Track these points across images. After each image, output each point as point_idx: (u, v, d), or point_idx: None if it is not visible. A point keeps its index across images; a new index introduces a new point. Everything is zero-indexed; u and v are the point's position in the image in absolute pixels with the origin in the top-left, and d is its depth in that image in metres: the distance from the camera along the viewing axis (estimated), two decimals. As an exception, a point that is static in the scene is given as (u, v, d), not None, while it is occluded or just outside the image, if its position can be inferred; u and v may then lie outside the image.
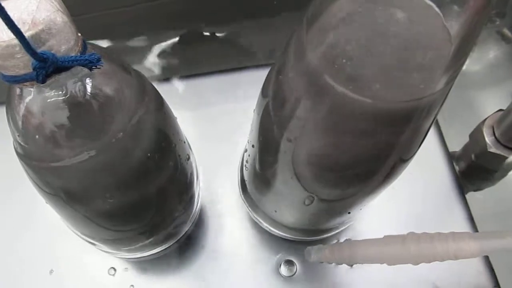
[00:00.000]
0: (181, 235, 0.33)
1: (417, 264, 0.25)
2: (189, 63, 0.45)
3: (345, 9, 0.16)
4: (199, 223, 0.37)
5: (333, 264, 0.33)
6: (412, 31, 0.16)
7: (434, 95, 0.17)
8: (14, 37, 0.15)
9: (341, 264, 0.29)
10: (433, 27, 0.16)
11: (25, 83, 0.18)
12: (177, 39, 0.45)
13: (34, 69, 0.17)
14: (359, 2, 0.16)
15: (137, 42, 0.44)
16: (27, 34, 0.16)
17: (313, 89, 0.18)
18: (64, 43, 0.18)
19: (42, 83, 0.17)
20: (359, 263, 0.28)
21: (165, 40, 0.45)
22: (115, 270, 0.35)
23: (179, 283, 0.35)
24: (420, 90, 0.16)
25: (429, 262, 0.25)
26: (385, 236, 0.26)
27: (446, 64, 0.16)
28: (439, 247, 0.24)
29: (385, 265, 0.26)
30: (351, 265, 0.29)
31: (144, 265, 0.35)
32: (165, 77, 0.44)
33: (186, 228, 0.33)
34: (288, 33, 0.20)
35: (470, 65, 0.47)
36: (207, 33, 0.45)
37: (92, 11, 0.41)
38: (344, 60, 0.16)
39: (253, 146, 0.25)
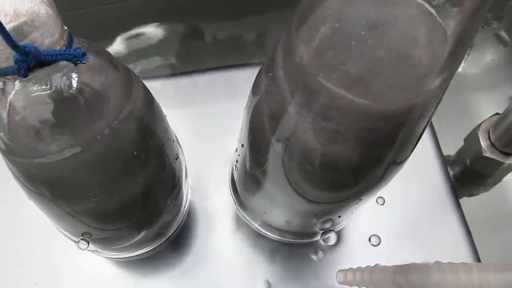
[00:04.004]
0: (169, 234, 0.32)
1: None
2: (182, 60, 0.44)
3: (336, 8, 0.16)
4: (188, 222, 0.36)
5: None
6: (406, 30, 0.15)
7: (428, 96, 0.16)
8: (-6, 29, 0.15)
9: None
10: (427, 27, 0.15)
11: (7, 77, 0.17)
12: (170, 35, 0.44)
13: (15, 62, 0.16)
14: (352, 1, 0.15)
15: (130, 37, 0.44)
16: (8, 26, 0.16)
17: (303, 89, 0.17)
18: (48, 36, 0.17)
19: (24, 77, 0.17)
20: None
21: (158, 37, 0.44)
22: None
23: (167, 283, 0.34)
24: (414, 91, 0.16)
25: None
26: (412, 263, 0.25)
27: (441, 64, 0.16)
28: (463, 277, 0.23)
29: None
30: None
31: (131, 265, 0.35)
32: (158, 74, 0.43)
33: (174, 227, 0.33)
34: (282, 31, 0.20)
35: (467, 68, 0.47)
36: (201, 30, 0.45)
37: (84, 6, 0.40)
38: (335, 60, 0.16)
39: (242, 145, 0.25)
